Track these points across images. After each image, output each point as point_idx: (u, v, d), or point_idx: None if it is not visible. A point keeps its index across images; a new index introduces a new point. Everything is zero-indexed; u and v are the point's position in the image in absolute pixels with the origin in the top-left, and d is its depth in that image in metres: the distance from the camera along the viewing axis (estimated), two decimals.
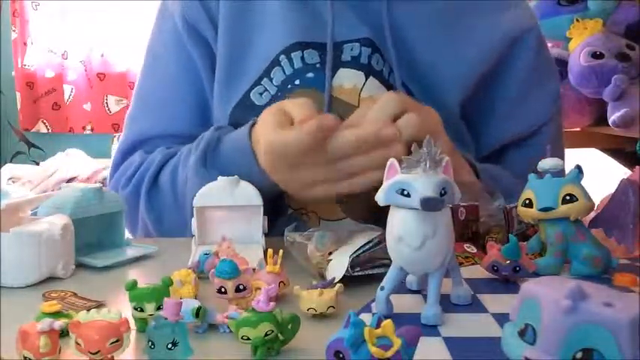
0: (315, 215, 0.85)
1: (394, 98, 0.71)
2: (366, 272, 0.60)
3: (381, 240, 0.60)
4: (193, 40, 0.89)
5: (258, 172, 0.74)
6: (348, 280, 0.57)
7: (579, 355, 0.34)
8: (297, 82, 0.84)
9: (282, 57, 0.85)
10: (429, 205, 0.48)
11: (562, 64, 1.54)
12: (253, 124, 0.76)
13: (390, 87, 0.84)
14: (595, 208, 0.63)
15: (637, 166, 0.70)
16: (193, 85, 0.90)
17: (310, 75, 0.83)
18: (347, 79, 0.83)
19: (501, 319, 0.51)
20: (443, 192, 0.49)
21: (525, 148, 0.90)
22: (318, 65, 0.84)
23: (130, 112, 0.96)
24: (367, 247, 0.61)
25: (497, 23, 0.88)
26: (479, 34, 0.87)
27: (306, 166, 0.69)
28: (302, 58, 0.84)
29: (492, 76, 0.88)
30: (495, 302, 0.55)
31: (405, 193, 0.49)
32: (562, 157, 0.95)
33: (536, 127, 0.90)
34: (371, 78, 0.84)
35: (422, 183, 0.48)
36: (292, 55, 0.84)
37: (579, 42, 1.48)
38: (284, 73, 0.85)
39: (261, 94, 0.86)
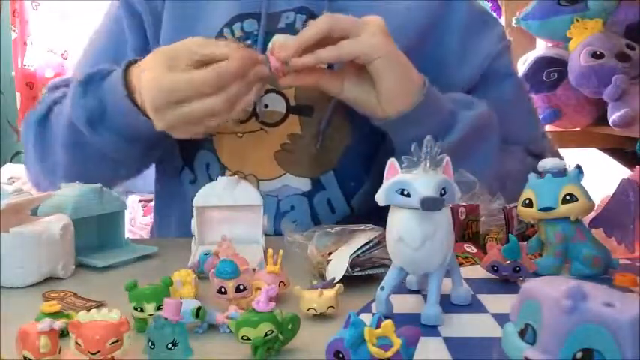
0: (254, 178, 0.87)
1: (322, 20, 0.73)
2: (366, 272, 0.60)
3: (381, 240, 0.60)
4: (128, 14, 0.93)
5: (134, 109, 0.76)
6: (348, 280, 0.57)
7: (579, 355, 0.34)
8: None
9: (226, 29, 0.88)
10: (429, 205, 0.48)
11: (562, 64, 1.54)
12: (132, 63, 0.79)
13: None
14: (595, 208, 0.63)
15: (637, 166, 0.70)
16: (117, 51, 0.93)
17: (248, 42, 0.86)
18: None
19: (501, 319, 0.51)
20: (443, 192, 0.49)
21: (483, 88, 0.91)
22: (255, 33, 0.87)
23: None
24: (367, 247, 0.61)
25: None
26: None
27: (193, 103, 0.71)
28: (242, 28, 0.87)
29: (432, 31, 0.89)
30: (495, 302, 0.55)
31: (405, 193, 0.49)
32: (521, 89, 1.00)
33: (487, 65, 0.91)
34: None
35: (422, 183, 0.48)
36: (233, 26, 0.88)
37: (579, 42, 1.48)
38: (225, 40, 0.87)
39: None
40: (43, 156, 0.90)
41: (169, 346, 0.41)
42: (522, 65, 1.64)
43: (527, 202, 0.62)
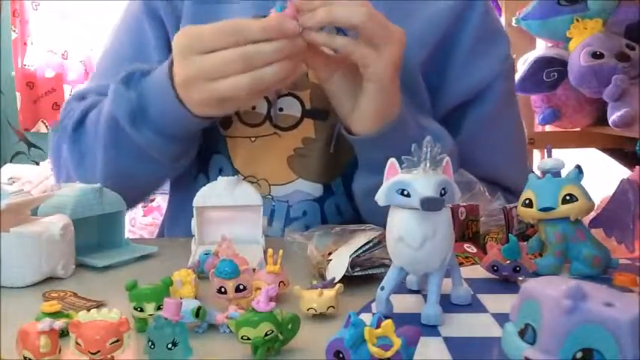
0: (266, 182, 0.87)
1: (358, 13, 0.70)
2: (366, 272, 0.60)
3: (381, 240, 0.60)
4: (150, 20, 0.91)
5: (175, 101, 0.75)
6: (348, 280, 0.57)
7: (579, 355, 0.34)
8: None
9: None
10: (429, 205, 0.48)
11: (562, 64, 1.54)
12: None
13: None
14: (595, 208, 0.63)
15: (637, 166, 0.70)
16: (140, 58, 0.90)
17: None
18: None
19: (501, 319, 0.51)
20: (443, 192, 0.49)
21: (478, 104, 0.91)
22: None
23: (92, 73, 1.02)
24: (367, 247, 0.61)
25: None
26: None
27: (216, 56, 0.69)
28: None
29: (446, 38, 0.89)
30: (495, 302, 0.55)
31: (405, 193, 0.49)
32: (515, 115, 0.99)
33: (486, 84, 0.91)
34: None
35: (422, 183, 0.48)
36: None
37: (579, 42, 1.48)
38: None
39: None
40: (81, 161, 0.88)
41: (169, 346, 0.41)
42: (522, 65, 1.64)
43: (527, 202, 0.62)
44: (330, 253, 0.63)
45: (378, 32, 0.70)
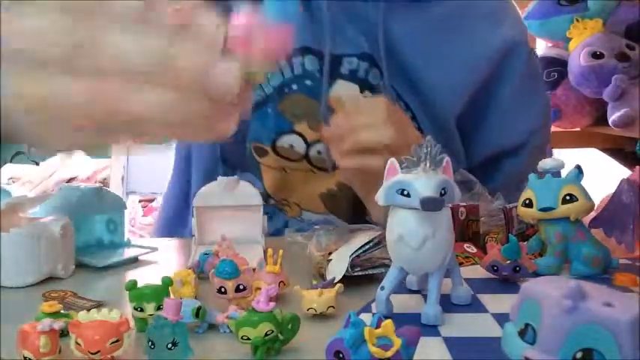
0: (297, 206, 0.87)
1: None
2: (366, 272, 0.60)
3: (381, 240, 0.60)
4: None
5: None
6: (348, 280, 0.57)
7: (579, 355, 0.34)
8: (294, 87, 0.85)
9: (282, 60, 0.85)
10: (429, 205, 0.48)
11: (562, 64, 1.54)
12: None
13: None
14: (595, 208, 0.63)
15: (637, 166, 0.70)
16: None
17: (308, 82, 0.85)
18: (343, 91, 0.85)
19: (501, 319, 0.51)
20: (443, 192, 0.49)
21: (513, 158, 0.91)
22: (317, 73, 0.84)
23: None
24: (367, 247, 0.61)
25: (490, 38, 0.89)
26: (473, 48, 0.88)
27: None
28: (303, 64, 0.85)
29: (484, 89, 0.88)
30: (495, 302, 0.55)
31: (405, 193, 0.49)
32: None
33: (525, 139, 0.91)
34: (366, 92, 0.85)
35: (422, 183, 0.48)
36: (293, 59, 0.85)
37: (579, 42, 1.48)
38: (282, 76, 0.85)
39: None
40: None
41: (169, 346, 0.41)
42: None
43: (527, 202, 0.62)
44: (330, 253, 0.63)
45: (402, 145, 0.71)
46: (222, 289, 0.53)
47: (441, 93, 0.85)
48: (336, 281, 0.56)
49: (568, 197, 0.60)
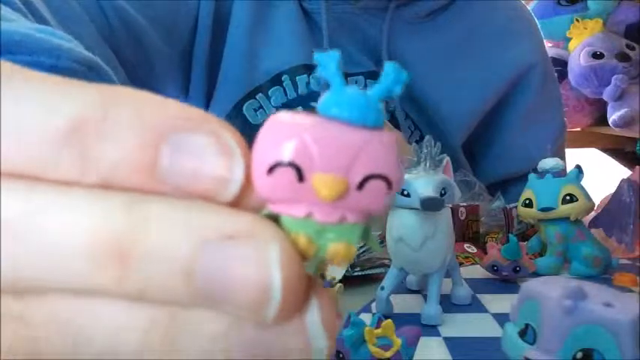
0: None
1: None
2: (365, 272, 0.60)
3: (381, 240, 0.60)
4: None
5: None
6: (348, 280, 0.57)
7: (579, 355, 0.34)
8: (299, 108, 0.84)
9: (285, 77, 0.83)
10: (429, 205, 0.48)
11: (562, 64, 1.54)
12: None
13: (393, 119, 0.84)
14: (595, 208, 0.63)
15: (637, 166, 0.70)
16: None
17: (314, 103, 0.83)
18: None
19: (501, 319, 0.51)
20: (443, 192, 0.49)
21: (523, 183, 0.90)
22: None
23: None
24: (367, 247, 0.61)
25: (501, 60, 0.87)
26: (483, 71, 0.86)
27: None
28: (307, 83, 0.83)
29: (495, 113, 0.87)
30: (495, 302, 0.55)
31: (405, 193, 0.49)
32: None
33: (534, 165, 0.90)
34: None
35: (422, 183, 0.48)
36: (297, 78, 0.83)
37: (579, 42, 1.48)
38: (286, 95, 0.83)
39: (255, 110, 0.84)
40: None
41: None
42: None
43: (527, 202, 0.62)
44: None
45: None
46: None
47: (448, 117, 0.84)
48: (336, 281, 0.56)
49: (568, 197, 0.60)
